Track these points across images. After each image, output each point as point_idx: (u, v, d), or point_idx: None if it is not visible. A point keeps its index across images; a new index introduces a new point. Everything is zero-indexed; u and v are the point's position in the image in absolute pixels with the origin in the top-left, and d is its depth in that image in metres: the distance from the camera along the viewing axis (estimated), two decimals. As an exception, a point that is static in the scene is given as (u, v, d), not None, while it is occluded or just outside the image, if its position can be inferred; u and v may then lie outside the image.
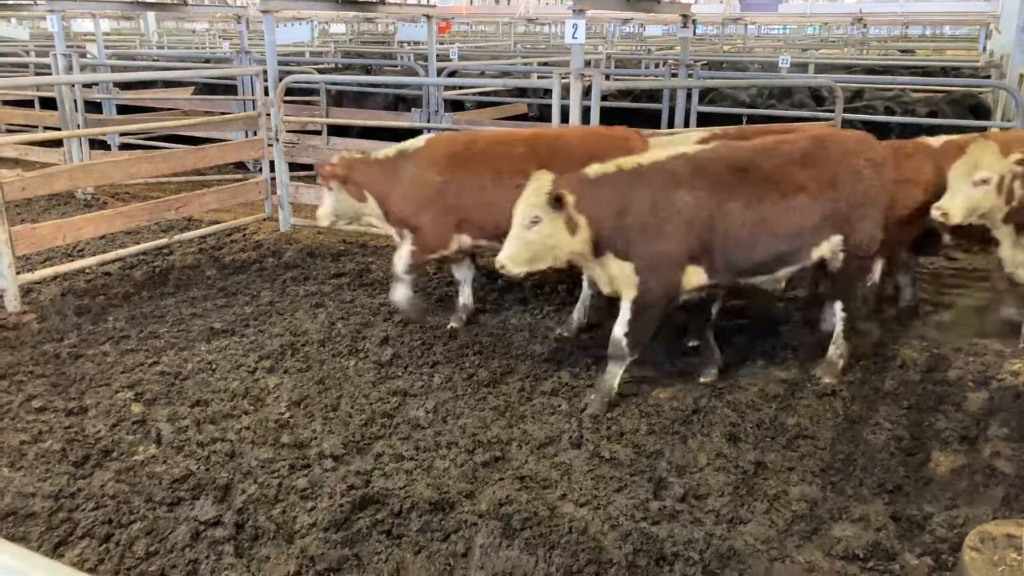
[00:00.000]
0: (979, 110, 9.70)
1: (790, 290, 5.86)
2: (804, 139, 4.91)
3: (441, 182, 5.49)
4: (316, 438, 4.31)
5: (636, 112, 10.54)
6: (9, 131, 11.95)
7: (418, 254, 5.61)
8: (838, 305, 5.03)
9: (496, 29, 30.53)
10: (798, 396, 4.84)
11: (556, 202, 4.33)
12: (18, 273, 6.06)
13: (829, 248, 4.79)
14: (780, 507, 3.77)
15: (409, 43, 17.16)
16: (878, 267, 5.42)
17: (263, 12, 8.27)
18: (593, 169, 4.60)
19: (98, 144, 11.07)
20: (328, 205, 5.75)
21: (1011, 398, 4.70)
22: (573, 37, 6.29)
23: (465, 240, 5.61)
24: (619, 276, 4.54)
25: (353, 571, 3.31)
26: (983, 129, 8.08)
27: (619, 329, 4.61)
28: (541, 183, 4.43)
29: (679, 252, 4.49)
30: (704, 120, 9.31)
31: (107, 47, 14.19)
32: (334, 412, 4.61)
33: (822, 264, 4.90)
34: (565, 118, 6.53)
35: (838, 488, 3.91)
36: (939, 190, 5.05)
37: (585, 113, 6.49)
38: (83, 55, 11.68)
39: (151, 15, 21.66)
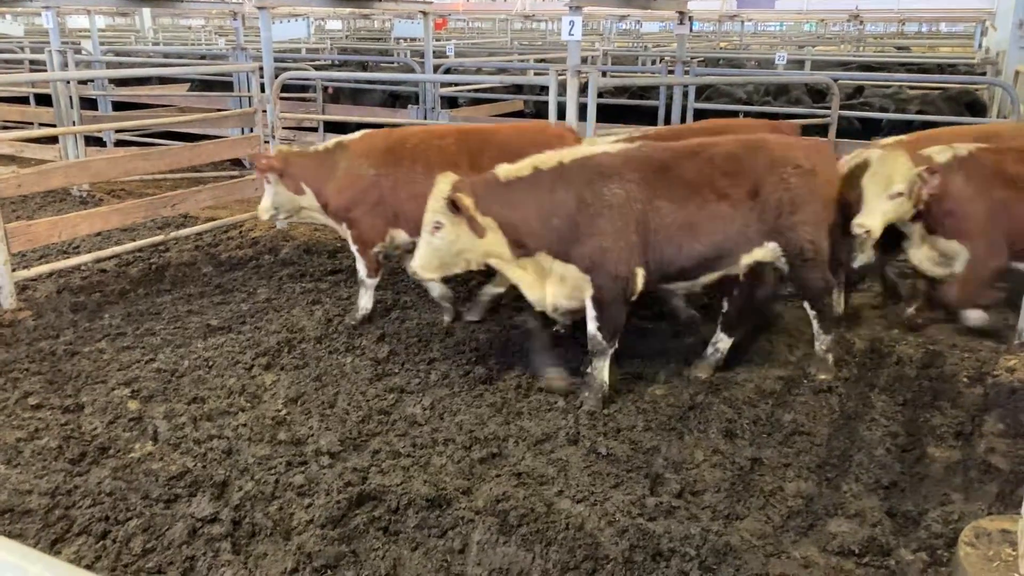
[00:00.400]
0: (975, 107, 9.72)
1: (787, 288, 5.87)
2: (731, 144, 4.81)
3: (374, 175, 5.53)
4: (313, 435, 4.31)
5: (633, 109, 10.55)
6: (4, 128, 11.91)
7: (361, 249, 5.68)
8: (807, 305, 5.02)
9: (493, 25, 30.50)
10: (794, 393, 4.85)
11: (453, 206, 4.28)
12: (14, 270, 6.05)
13: (764, 255, 4.73)
14: (776, 503, 3.78)
15: (405, 39, 17.14)
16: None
17: (259, 8, 8.25)
18: (503, 170, 4.52)
19: (94, 141, 11.03)
20: (267, 199, 5.74)
21: (1006, 394, 4.71)
22: (570, 34, 6.29)
23: (401, 235, 5.65)
24: (569, 277, 4.50)
25: (350, 568, 3.32)
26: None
27: (592, 325, 4.60)
28: (441, 187, 4.36)
29: (622, 246, 4.42)
30: (701, 117, 9.32)
31: (102, 43, 14.13)
32: (331, 409, 4.61)
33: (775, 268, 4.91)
34: (562, 115, 6.53)
35: (834, 484, 3.92)
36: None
37: (582, 110, 6.49)
38: (78, 51, 11.65)
39: (146, 11, 21.60)
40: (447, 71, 11.19)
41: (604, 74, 10.97)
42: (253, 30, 17.83)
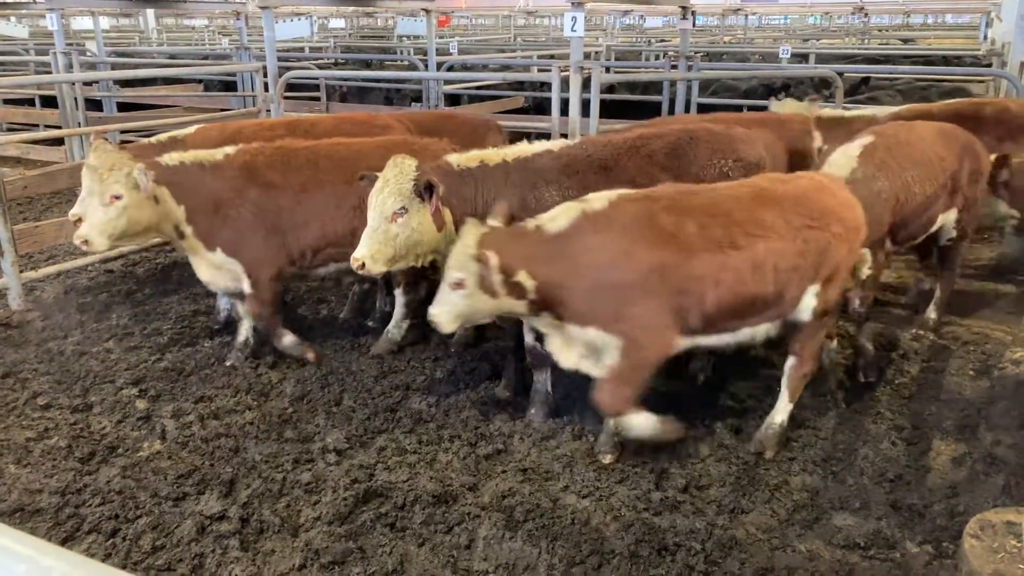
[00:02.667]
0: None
1: None
2: (673, 135, 4.77)
3: None
4: (319, 432, 4.33)
5: (636, 104, 10.54)
6: (10, 130, 11.97)
7: None
8: None
9: (496, 22, 30.47)
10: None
11: (427, 191, 4.07)
12: (21, 271, 6.09)
13: None
14: (781, 497, 3.79)
15: (409, 37, 17.14)
16: None
17: (262, 8, 8.27)
18: (455, 158, 4.44)
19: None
20: None
21: (1012, 387, 4.70)
22: (572, 30, 6.29)
23: None
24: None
25: (357, 564, 3.34)
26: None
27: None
28: (403, 168, 4.10)
29: None
30: (704, 112, 9.30)
31: (106, 44, 14.20)
32: (337, 407, 4.63)
33: None
34: (565, 111, 6.54)
35: (839, 478, 3.93)
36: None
37: (585, 106, 6.49)
38: (83, 53, 11.69)
39: (150, 12, 21.66)
40: (450, 68, 11.19)
41: (607, 70, 10.97)
42: (256, 30, 17.88)
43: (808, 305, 3.99)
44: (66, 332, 5.67)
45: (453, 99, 11.60)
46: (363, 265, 4.12)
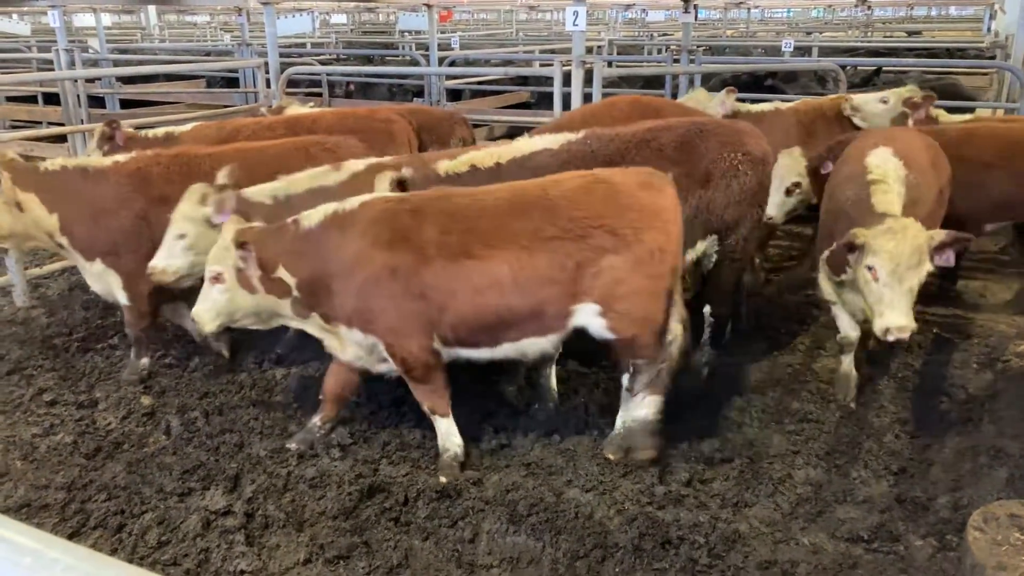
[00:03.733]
0: (957, 97, 9.61)
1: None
2: (683, 127, 4.70)
3: None
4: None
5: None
6: (13, 127, 11.98)
7: None
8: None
9: (498, 17, 30.39)
10: (803, 380, 4.85)
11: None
12: (26, 268, 6.11)
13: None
14: (785, 490, 3.80)
15: (410, 33, 17.12)
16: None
17: (264, 4, 8.28)
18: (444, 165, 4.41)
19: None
20: None
21: (1016, 380, 4.70)
22: (574, 24, 6.28)
23: None
24: None
25: (362, 558, 3.35)
26: (971, 111, 8.06)
27: None
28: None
29: None
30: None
31: (108, 41, 14.20)
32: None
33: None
34: (567, 105, 6.53)
35: (843, 471, 3.93)
36: None
37: (587, 100, 6.48)
38: (85, 50, 11.71)
39: (152, 8, 21.65)
40: (452, 63, 11.18)
41: (609, 64, 10.95)
42: (258, 26, 17.86)
43: (597, 324, 3.73)
44: (71, 329, 5.68)
45: (455, 94, 11.58)
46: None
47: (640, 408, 3.95)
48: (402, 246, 3.65)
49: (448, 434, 3.98)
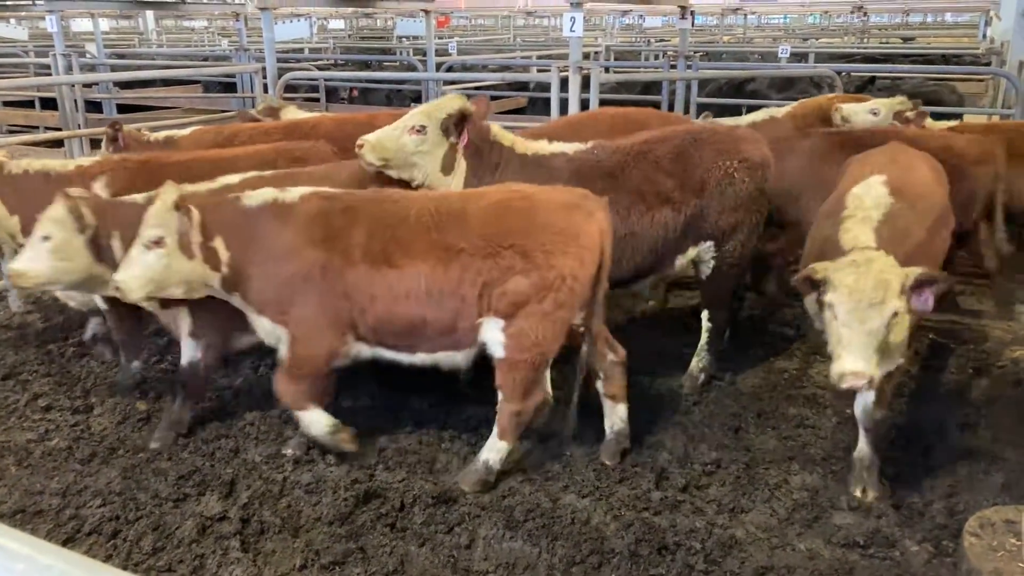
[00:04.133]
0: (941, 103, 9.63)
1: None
2: (677, 137, 4.67)
3: None
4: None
5: (636, 104, 10.54)
6: (10, 132, 11.98)
7: None
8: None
9: (495, 22, 30.47)
10: (799, 385, 4.85)
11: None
12: (22, 273, 6.08)
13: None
14: (781, 496, 3.79)
15: (408, 38, 17.15)
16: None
17: (261, 9, 8.28)
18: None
19: (99, 144, 11.08)
20: None
21: (1011, 385, 4.72)
22: (571, 30, 6.30)
23: None
24: None
25: (358, 564, 3.35)
26: (959, 116, 8.09)
27: None
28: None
29: None
30: (703, 111, 9.30)
31: (106, 46, 14.21)
32: (337, 407, 4.63)
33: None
34: (564, 111, 6.54)
35: (839, 476, 3.93)
36: None
37: (584, 106, 6.50)
38: (82, 55, 11.71)
39: (150, 14, 21.68)
40: (450, 69, 11.20)
41: (606, 70, 10.97)
42: (256, 31, 17.87)
43: (495, 340, 3.65)
44: (66, 334, 5.67)
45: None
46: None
47: (489, 451, 3.87)
48: (333, 246, 3.69)
49: (312, 422, 4.01)
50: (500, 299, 3.59)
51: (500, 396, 3.84)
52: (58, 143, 9.92)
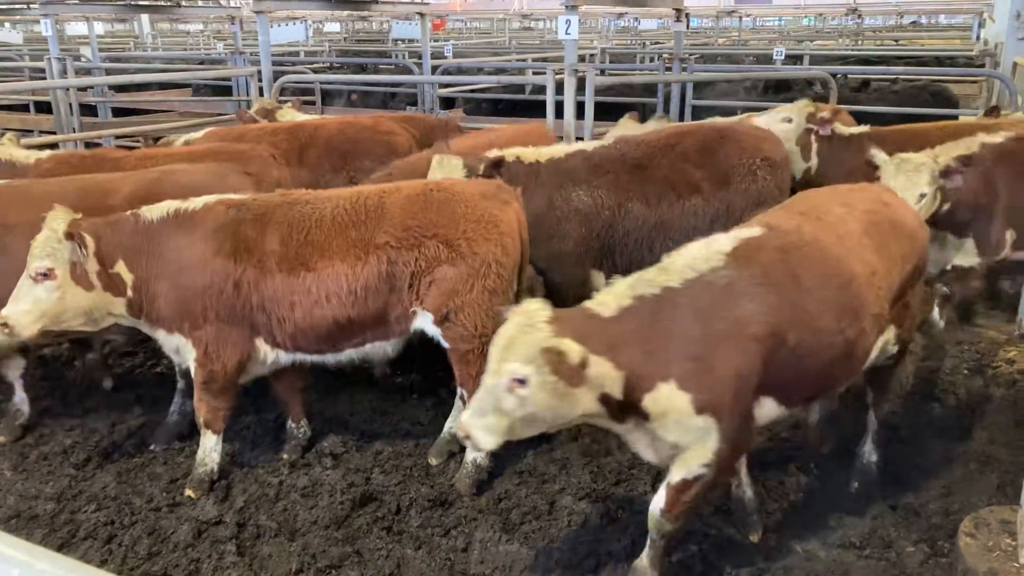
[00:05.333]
0: (942, 99, 9.67)
1: None
2: (702, 133, 4.78)
3: None
4: (316, 437, 4.33)
5: (631, 107, 10.55)
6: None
7: None
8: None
9: (491, 25, 30.50)
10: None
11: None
12: (16, 277, 6.06)
13: None
14: (777, 497, 3.80)
15: (403, 41, 17.15)
16: None
17: (257, 13, 8.27)
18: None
19: (94, 147, 11.06)
20: None
21: (1006, 386, 4.73)
22: (567, 33, 6.30)
23: None
24: None
25: (354, 568, 3.34)
26: (954, 118, 8.08)
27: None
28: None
29: None
30: (699, 114, 9.32)
31: (101, 50, 14.16)
32: (334, 410, 4.63)
33: None
34: (560, 114, 6.55)
35: (835, 477, 3.93)
36: None
37: (580, 108, 6.50)
38: (77, 58, 11.67)
39: (145, 17, 21.66)
40: (445, 72, 11.20)
41: (602, 72, 10.98)
42: (251, 34, 17.84)
43: (435, 333, 3.68)
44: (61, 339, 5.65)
45: (448, 102, 11.60)
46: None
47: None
48: (245, 258, 3.57)
49: (211, 450, 3.88)
50: (429, 289, 3.59)
51: (461, 393, 3.85)
52: (53, 147, 9.89)
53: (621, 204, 4.48)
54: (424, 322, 3.70)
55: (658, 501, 3.01)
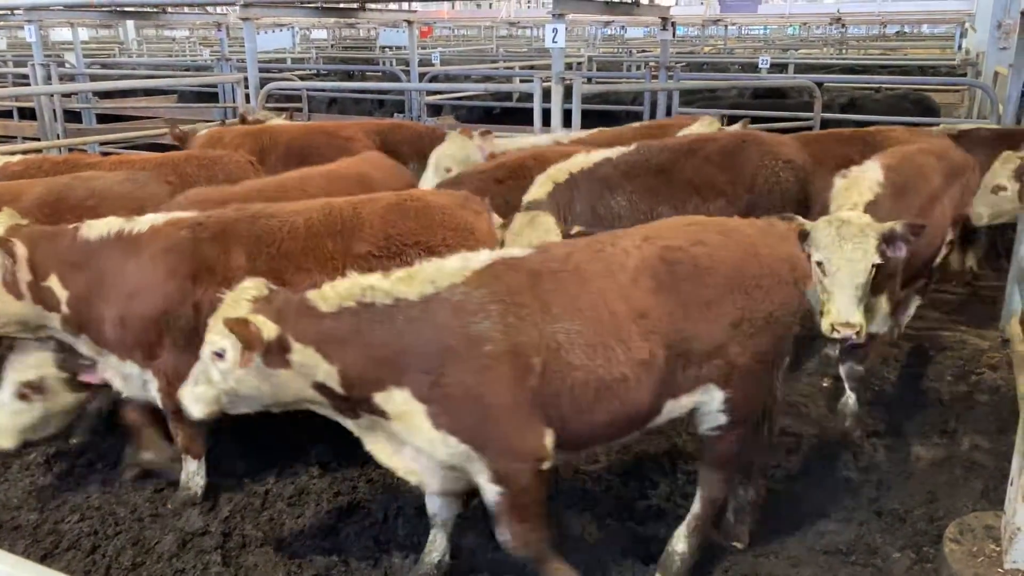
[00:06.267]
0: (923, 107, 9.78)
1: None
2: (724, 138, 4.84)
3: None
4: (302, 445, 4.30)
5: (618, 115, 10.61)
6: (-12, 142, 11.84)
7: None
8: None
9: (478, 33, 30.59)
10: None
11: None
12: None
13: None
14: (763, 503, 3.80)
15: (391, 48, 17.17)
16: None
17: (243, 19, 8.25)
18: None
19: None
20: None
21: (990, 392, 4.77)
22: (553, 41, 6.33)
23: None
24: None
25: (341, 577, 3.32)
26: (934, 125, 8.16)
27: None
28: None
29: None
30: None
31: (86, 56, 14.10)
32: (320, 418, 4.59)
33: None
34: (547, 121, 6.57)
35: (821, 484, 3.95)
36: None
37: (567, 116, 6.53)
38: (62, 64, 11.62)
39: (130, 23, 21.56)
40: (433, 79, 11.22)
41: (588, 80, 11.04)
42: (238, 41, 17.80)
43: None
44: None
45: (435, 109, 11.62)
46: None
47: None
48: (208, 278, 3.34)
49: (194, 474, 3.75)
50: None
51: None
52: (36, 153, 9.82)
53: (652, 209, 4.53)
54: None
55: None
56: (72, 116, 11.01)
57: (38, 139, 9.55)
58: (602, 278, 2.85)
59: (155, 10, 11.12)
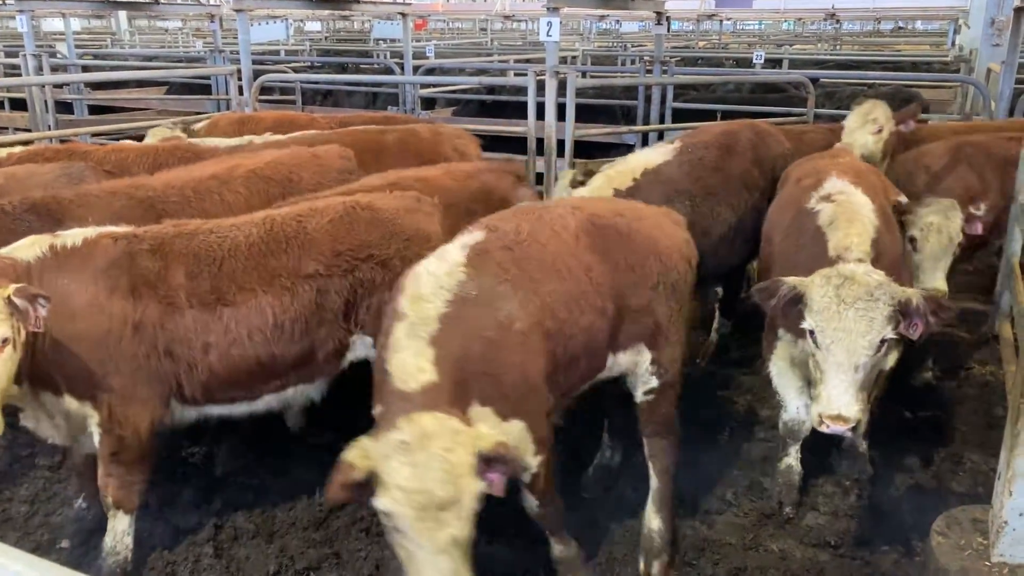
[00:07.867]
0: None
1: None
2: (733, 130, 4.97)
3: None
4: (295, 437, 4.30)
5: (612, 109, 10.60)
6: (-21, 133, 11.76)
7: None
8: None
9: (473, 26, 30.50)
10: (770, 389, 4.89)
11: None
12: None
13: None
14: (754, 497, 3.83)
15: (385, 41, 17.10)
16: None
17: (237, 11, 8.21)
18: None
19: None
20: None
21: (978, 387, 4.80)
22: (548, 35, 6.32)
23: None
24: None
25: (333, 570, 3.33)
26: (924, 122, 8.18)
27: None
28: None
29: None
30: (679, 116, 9.39)
31: (78, 46, 14.01)
32: (314, 410, 4.60)
33: None
34: (541, 115, 6.56)
35: (811, 478, 3.97)
36: None
37: (561, 110, 6.52)
38: (53, 55, 11.53)
39: (123, 14, 21.43)
40: (427, 72, 11.18)
41: (583, 74, 11.02)
42: (231, 32, 17.73)
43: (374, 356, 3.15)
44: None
45: (429, 103, 11.58)
46: None
47: None
48: (146, 295, 3.06)
49: (123, 534, 3.27)
50: (367, 314, 3.33)
51: None
52: (27, 144, 9.75)
53: (713, 209, 4.56)
54: (364, 349, 3.44)
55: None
56: (64, 107, 10.94)
57: (29, 130, 9.48)
58: (553, 241, 3.02)
59: (148, 1, 11.05)
